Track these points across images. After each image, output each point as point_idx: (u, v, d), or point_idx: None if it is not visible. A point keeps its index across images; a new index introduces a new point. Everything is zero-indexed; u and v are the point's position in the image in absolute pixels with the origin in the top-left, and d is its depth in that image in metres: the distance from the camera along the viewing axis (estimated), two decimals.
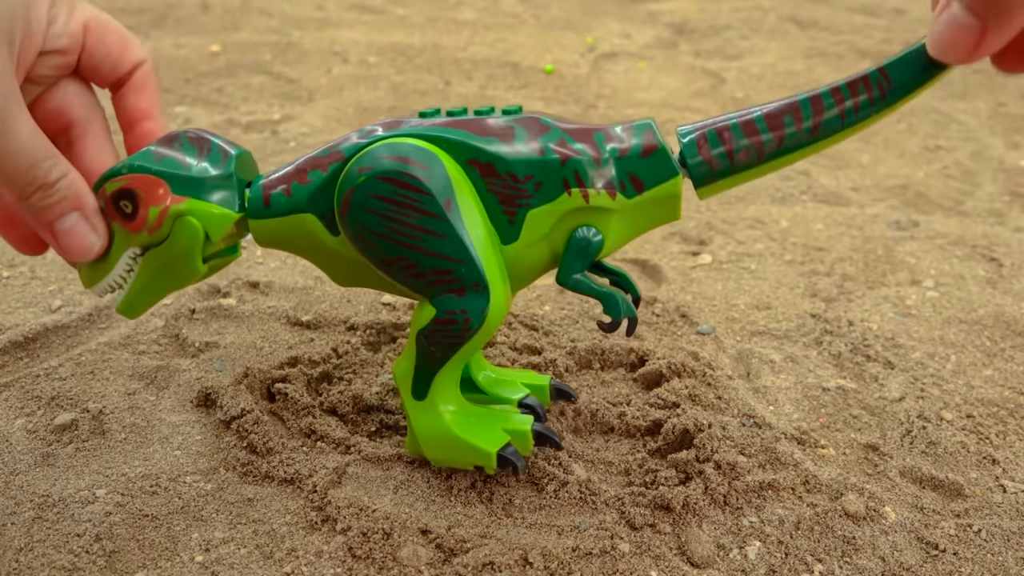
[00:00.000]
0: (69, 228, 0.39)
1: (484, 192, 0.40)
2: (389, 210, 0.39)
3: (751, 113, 0.39)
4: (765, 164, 0.39)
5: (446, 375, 0.43)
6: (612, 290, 0.41)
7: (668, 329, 0.61)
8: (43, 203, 0.38)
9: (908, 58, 0.36)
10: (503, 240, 0.41)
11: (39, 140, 0.37)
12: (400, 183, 0.38)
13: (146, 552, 0.41)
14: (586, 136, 0.40)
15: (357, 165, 0.39)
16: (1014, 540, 0.43)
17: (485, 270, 0.40)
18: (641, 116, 1.06)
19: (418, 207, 0.38)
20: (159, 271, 0.42)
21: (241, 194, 0.42)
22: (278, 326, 0.59)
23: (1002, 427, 0.52)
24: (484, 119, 0.40)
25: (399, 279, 0.41)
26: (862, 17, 1.59)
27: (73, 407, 0.50)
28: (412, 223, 0.39)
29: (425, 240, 0.39)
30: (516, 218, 0.40)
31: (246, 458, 0.46)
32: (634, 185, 0.40)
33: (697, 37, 1.46)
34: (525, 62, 1.26)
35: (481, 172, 0.40)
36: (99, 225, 0.40)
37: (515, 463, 0.43)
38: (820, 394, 0.55)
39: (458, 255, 0.39)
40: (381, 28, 1.42)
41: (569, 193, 0.39)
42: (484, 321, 0.40)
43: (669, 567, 0.40)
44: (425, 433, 0.43)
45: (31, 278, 0.64)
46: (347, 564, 0.40)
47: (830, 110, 0.37)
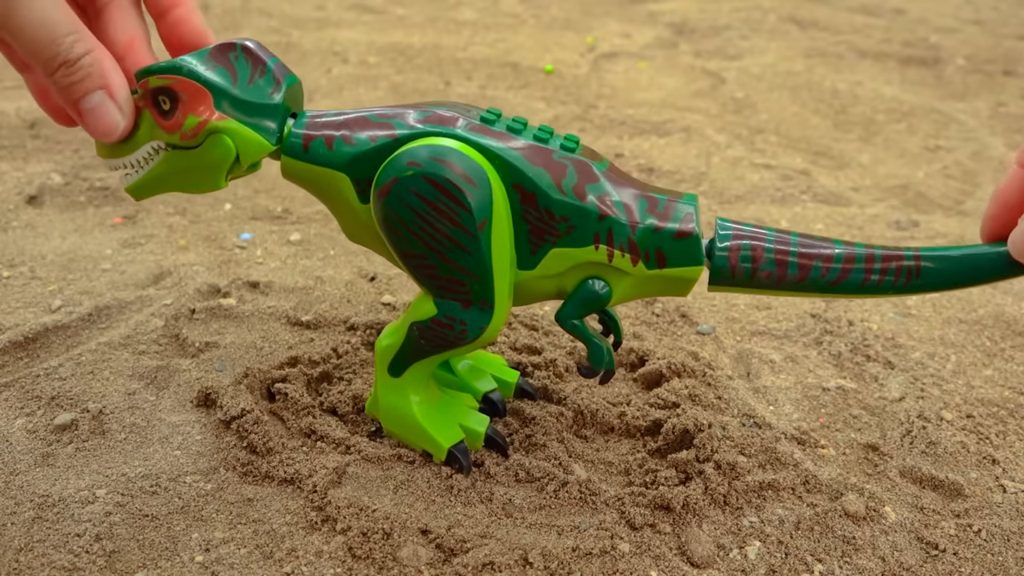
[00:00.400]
0: (94, 107, 0.38)
1: (519, 216, 0.40)
2: (426, 211, 0.39)
3: (788, 241, 0.40)
4: (780, 291, 0.40)
5: (425, 363, 0.44)
6: (601, 342, 0.42)
7: (668, 329, 0.61)
8: (67, 80, 0.37)
9: (948, 258, 0.38)
10: (520, 265, 0.41)
11: (61, 13, 0.36)
12: (444, 190, 0.38)
13: (146, 552, 0.41)
14: (631, 198, 0.40)
15: (408, 157, 0.39)
16: (1014, 540, 0.43)
17: (497, 291, 0.40)
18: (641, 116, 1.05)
19: (454, 218, 0.39)
20: (179, 171, 0.41)
21: (282, 126, 0.41)
22: (278, 326, 0.59)
23: (1002, 427, 0.52)
24: (542, 147, 0.40)
25: (412, 272, 0.41)
26: (862, 17, 1.59)
27: (73, 407, 0.50)
28: (444, 230, 0.39)
29: (450, 249, 0.39)
30: (539, 250, 0.41)
31: (246, 458, 0.46)
32: (658, 260, 0.40)
33: (697, 37, 1.46)
34: (525, 62, 1.26)
35: (522, 198, 0.40)
36: (126, 105, 0.39)
37: (462, 462, 0.45)
38: (820, 394, 0.55)
39: (476, 272, 0.40)
40: (381, 28, 1.42)
41: (596, 247, 0.40)
42: (480, 336, 0.41)
43: (669, 567, 0.40)
44: (388, 407, 0.46)
45: (31, 278, 0.64)
46: (347, 564, 0.40)
47: (856, 273, 0.39)
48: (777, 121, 1.08)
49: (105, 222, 0.74)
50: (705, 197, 0.84)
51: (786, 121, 1.08)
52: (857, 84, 1.22)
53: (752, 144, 1.00)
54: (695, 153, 0.96)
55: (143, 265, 0.67)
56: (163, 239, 0.71)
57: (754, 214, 0.81)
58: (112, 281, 0.64)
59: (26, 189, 0.78)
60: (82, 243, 0.70)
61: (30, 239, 0.70)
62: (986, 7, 1.71)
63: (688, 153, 0.96)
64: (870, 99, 1.17)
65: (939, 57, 1.35)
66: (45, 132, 0.91)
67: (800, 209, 0.82)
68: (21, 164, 0.83)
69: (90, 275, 0.65)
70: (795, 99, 1.16)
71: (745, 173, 0.91)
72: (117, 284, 0.64)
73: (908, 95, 1.18)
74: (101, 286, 0.63)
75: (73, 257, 0.67)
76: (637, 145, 0.97)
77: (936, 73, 1.28)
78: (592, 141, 0.98)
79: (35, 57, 0.36)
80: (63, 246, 0.69)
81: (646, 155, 0.94)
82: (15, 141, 0.89)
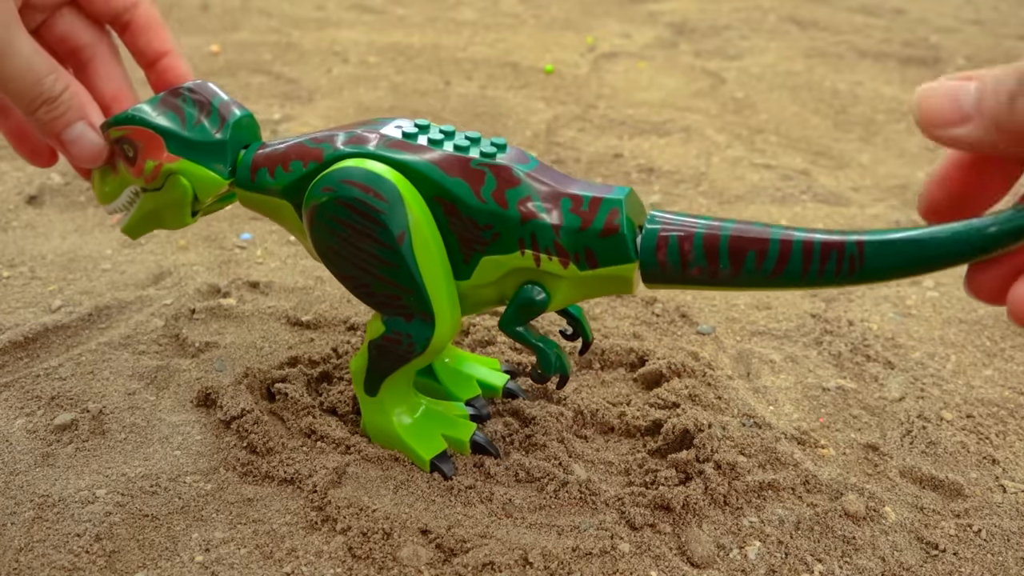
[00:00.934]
0: (76, 137, 0.41)
1: (445, 228, 0.41)
2: (346, 234, 0.40)
3: (720, 230, 0.36)
4: (715, 287, 0.38)
5: (398, 378, 0.45)
6: (547, 345, 0.42)
7: (668, 329, 0.61)
8: (50, 115, 0.40)
9: (891, 244, 0.33)
10: (456, 275, 0.42)
11: (41, 58, 0.39)
12: (356, 210, 0.40)
13: (146, 552, 0.41)
14: (553, 199, 0.39)
15: (323, 183, 0.40)
16: (1014, 540, 0.43)
17: (434, 301, 0.41)
18: (641, 116, 1.05)
19: (373, 235, 0.40)
20: (153, 212, 0.44)
21: (234, 159, 0.44)
22: (278, 326, 0.59)
23: (1002, 427, 0.52)
24: (460, 157, 0.40)
25: (353, 293, 0.43)
26: (862, 17, 1.59)
27: (73, 407, 0.50)
28: (366, 248, 0.40)
29: (378, 267, 0.40)
30: (471, 260, 0.41)
31: (246, 458, 0.46)
32: (587, 260, 0.39)
33: (697, 37, 1.46)
34: (525, 62, 1.26)
35: (445, 210, 0.40)
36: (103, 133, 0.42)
37: (445, 473, 0.45)
38: (820, 394, 0.55)
39: (408, 285, 0.40)
40: (381, 28, 1.42)
41: (522, 253, 0.40)
42: (427, 347, 0.42)
43: (669, 567, 0.40)
44: (372, 424, 0.47)
45: (31, 278, 0.64)
46: (347, 564, 0.40)
47: (794, 264, 0.35)
48: (777, 121, 1.08)
49: (105, 222, 0.74)
50: (705, 197, 0.84)
51: (786, 121, 1.08)
52: (857, 84, 1.22)
53: (752, 144, 1.00)
54: (695, 153, 0.96)
55: (143, 265, 0.67)
56: (163, 239, 0.71)
57: (754, 214, 0.81)
58: (112, 281, 0.64)
59: (26, 189, 0.78)
60: (82, 243, 0.70)
61: (30, 239, 0.70)
62: (986, 7, 1.71)
63: (688, 153, 0.96)
64: (870, 99, 1.17)
65: (939, 57, 1.35)
66: None
67: (800, 209, 0.82)
68: (21, 164, 0.83)
69: (90, 275, 0.65)
70: (795, 99, 1.16)
71: (745, 173, 0.91)
72: (117, 284, 0.64)
73: (908, 95, 1.18)
74: (101, 286, 0.63)
75: (73, 257, 0.67)
76: (637, 145, 0.97)
77: (936, 73, 1.28)
78: (592, 141, 0.98)
79: (20, 99, 0.39)
80: (63, 246, 0.69)
81: (646, 155, 0.94)
82: None
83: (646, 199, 0.83)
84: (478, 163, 0.40)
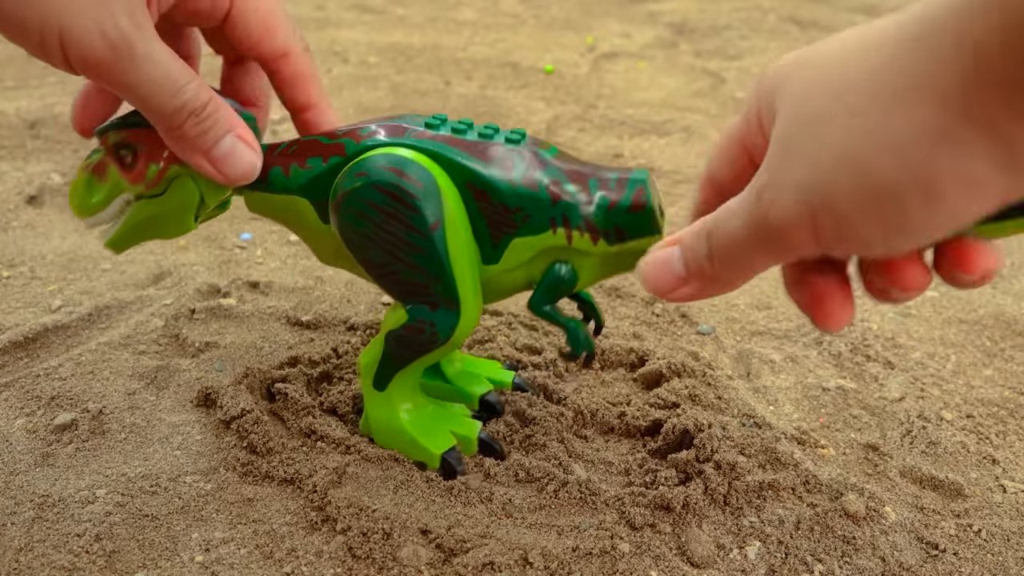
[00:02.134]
0: (227, 152, 0.38)
1: (475, 213, 0.41)
2: (379, 218, 0.40)
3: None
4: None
5: (408, 373, 0.45)
6: (577, 323, 0.43)
7: (668, 329, 0.61)
8: (197, 129, 0.37)
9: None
10: (484, 260, 0.42)
11: (179, 64, 0.35)
12: (393, 195, 0.39)
13: (146, 552, 0.41)
14: (581, 179, 0.41)
15: (356, 169, 0.40)
16: (1014, 540, 0.43)
17: (460, 290, 0.41)
18: (641, 116, 1.05)
19: (406, 221, 0.40)
20: (150, 220, 0.43)
21: None
22: (278, 326, 0.59)
23: (1002, 427, 0.52)
24: (488, 144, 0.41)
25: (378, 281, 0.42)
26: (862, 17, 1.59)
27: (73, 407, 0.50)
28: (399, 235, 0.40)
29: (408, 253, 0.40)
30: (500, 243, 0.41)
31: (246, 458, 0.46)
32: (617, 235, 0.41)
33: (697, 37, 1.46)
34: (525, 62, 1.26)
35: (475, 196, 0.41)
36: (254, 142, 0.39)
37: (455, 468, 0.45)
38: (820, 394, 0.55)
39: (437, 272, 0.40)
40: (381, 28, 1.42)
41: (554, 232, 0.41)
42: (451, 336, 0.42)
43: (669, 567, 0.40)
44: (378, 421, 0.46)
45: (31, 278, 0.64)
46: (347, 564, 0.40)
47: None
48: None
49: None
50: None
51: None
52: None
53: None
54: (695, 153, 0.96)
55: (143, 265, 0.67)
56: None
57: None
58: (112, 281, 0.64)
59: (26, 189, 0.78)
60: (82, 243, 0.70)
61: (30, 239, 0.70)
62: None
63: (688, 153, 0.96)
64: None
65: None
66: (45, 132, 0.91)
67: None
68: (21, 164, 0.83)
69: (90, 275, 0.65)
70: None
71: None
72: (117, 284, 0.64)
73: None
74: (101, 286, 0.63)
75: (73, 257, 0.67)
76: (637, 145, 0.97)
77: None
78: (592, 141, 0.98)
79: (160, 113, 0.36)
80: (63, 246, 0.69)
81: (646, 155, 0.94)
82: (15, 141, 0.89)
83: None
84: (506, 149, 0.41)
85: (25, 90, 1.04)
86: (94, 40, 0.32)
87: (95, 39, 0.32)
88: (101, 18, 0.32)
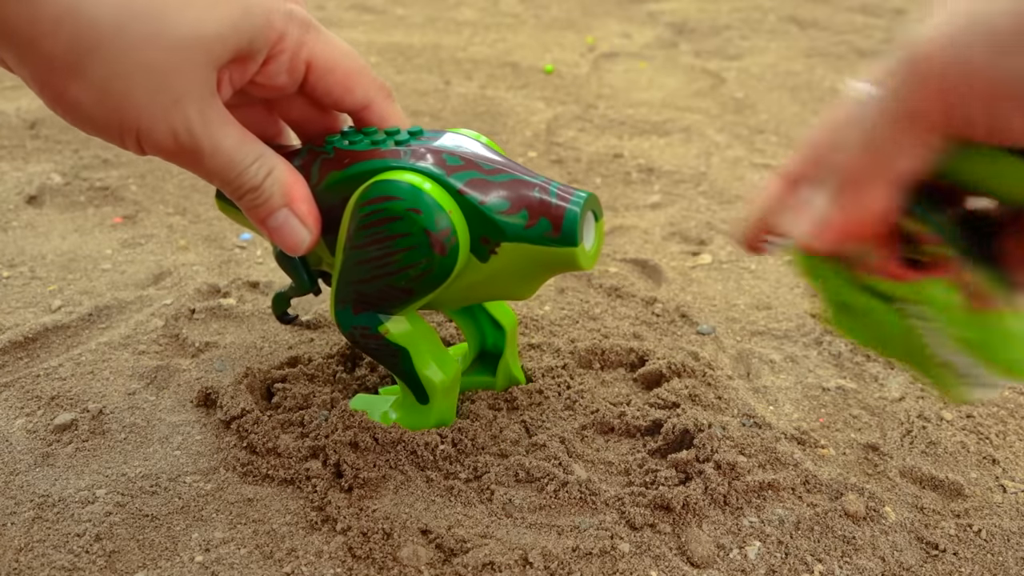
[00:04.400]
0: (280, 224, 0.41)
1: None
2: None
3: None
4: None
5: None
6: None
7: (668, 329, 0.61)
8: (253, 204, 0.40)
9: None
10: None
11: (245, 148, 0.39)
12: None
13: (146, 552, 0.41)
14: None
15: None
16: (1014, 540, 0.43)
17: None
18: (641, 116, 1.05)
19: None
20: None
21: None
22: (278, 326, 0.59)
23: (1002, 427, 0.52)
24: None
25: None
26: (862, 17, 1.59)
27: (73, 407, 0.50)
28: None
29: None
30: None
31: (246, 458, 0.46)
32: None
33: (697, 37, 1.46)
34: (525, 62, 1.26)
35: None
36: (308, 217, 0.41)
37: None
38: (820, 394, 0.55)
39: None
40: (381, 28, 1.42)
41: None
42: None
43: (669, 567, 0.40)
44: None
45: (31, 278, 0.64)
46: (347, 564, 0.40)
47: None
48: (777, 121, 1.08)
49: (105, 222, 0.74)
50: (705, 197, 0.84)
51: (786, 121, 1.08)
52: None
53: (752, 144, 1.00)
54: (695, 153, 0.96)
55: (143, 265, 0.67)
56: (163, 239, 0.71)
57: None
58: (112, 281, 0.64)
59: (26, 189, 0.78)
60: (82, 243, 0.70)
61: (30, 239, 0.70)
62: None
63: (688, 153, 0.96)
64: None
65: None
66: (45, 132, 0.91)
67: None
68: (21, 164, 0.83)
69: (90, 275, 0.65)
70: (795, 99, 1.16)
71: (745, 173, 0.91)
72: (117, 284, 0.64)
73: None
74: (101, 286, 0.63)
75: (73, 257, 0.67)
76: (637, 145, 0.97)
77: None
78: (592, 141, 0.98)
79: (226, 187, 0.40)
80: (63, 246, 0.69)
81: (646, 155, 0.94)
82: (15, 141, 0.89)
83: (646, 199, 0.83)
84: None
85: (25, 90, 1.04)
86: (167, 140, 0.36)
87: (168, 139, 0.36)
88: (173, 120, 0.36)
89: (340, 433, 0.45)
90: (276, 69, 0.40)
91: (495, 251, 0.41)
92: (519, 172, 0.41)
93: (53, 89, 0.35)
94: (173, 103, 0.35)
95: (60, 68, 0.34)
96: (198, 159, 0.38)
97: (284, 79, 0.41)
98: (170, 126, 0.36)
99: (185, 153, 0.37)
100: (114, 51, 0.34)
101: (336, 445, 0.45)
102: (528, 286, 0.44)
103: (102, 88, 0.34)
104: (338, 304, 0.44)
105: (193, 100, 0.36)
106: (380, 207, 0.40)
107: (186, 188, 0.81)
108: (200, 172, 0.39)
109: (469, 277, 0.42)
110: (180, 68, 0.35)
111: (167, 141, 0.36)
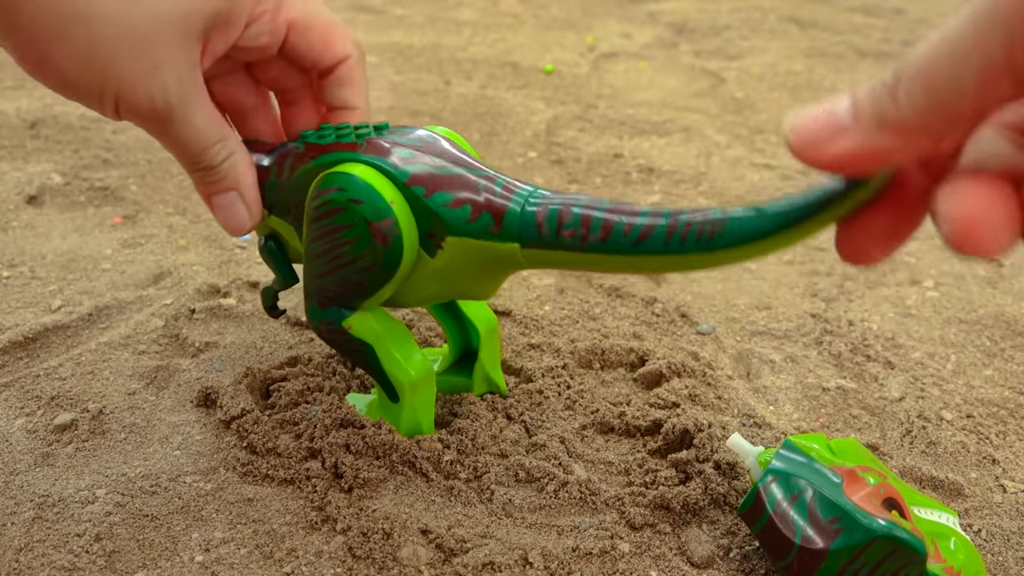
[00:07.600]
0: (225, 205, 0.43)
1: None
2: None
3: (597, 202, 0.37)
4: (585, 253, 0.37)
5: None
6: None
7: (668, 329, 0.61)
8: (206, 180, 0.42)
9: (747, 219, 0.32)
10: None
11: (213, 128, 0.40)
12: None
13: (146, 552, 0.41)
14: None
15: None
16: (1014, 540, 0.43)
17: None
18: (641, 116, 1.05)
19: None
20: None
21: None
22: (278, 326, 0.59)
23: (1002, 427, 0.52)
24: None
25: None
26: (862, 17, 1.59)
27: (73, 407, 0.50)
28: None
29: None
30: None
31: (246, 458, 0.46)
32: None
33: (697, 37, 1.46)
34: (525, 62, 1.26)
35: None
36: (253, 205, 0.44)
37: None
38: (820, 394, 0.55)
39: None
40: (381, 28, 1.42)
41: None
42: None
43: (669, 567, 0.40)
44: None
45: (31, 278, 0.64)
46: (347, 564, 0.40)
47: (660, 229, 0.35)
48: (777, 121, 1.08)
49: (105, 222, 0.74)
50: (705, 197, 0.84)
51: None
52: (857, 84, 1.22)
53: (752, 144, 1.00)
54: (695, 153, 0.96)
55: (143, 265, 0.67)
56: (163, 239, 0.71)
57: None
58: (112, 281, 0.64)
59: (26, 189, 0.78)
60: (82, 243, 0.70)
61: (30, 239, 0.70)
62: None
63: (688, 153, 0.96)
64: None
65: None
66: (45, 132, 0.91)
67: None
68: (21, 164, 0.83)
69: (90, 275, 0.65)
70: (795, 99, 1.16)
71: (745, 173, 0.91)
72: (117, 284, 0.64)
73: None
74: (101, 286, 0.63)
75: (73, 257, 0.67)
76: (637, 145, 0.97)
77: None
78: (592, 141, 0.98)
79: (181, 159, 0.41)
80: (63, 246, 0.69)
81: (646, 155, 0.94)
82: (15, 141, 0.89)
83: (646, 199, 0.83)
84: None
85: (25, 90, 1.04)
86: (144, 104, 0.37)
87: (144, 103, 0.37)
88: (151, 86, 0.37)
89: (335, 434, 0.45)
90: (258, 30, 0.41)
91: (441, 245, 0.40)
92: (470, 167, 0.41)
93: (35, 54, 0.36)
94: (154, 69, 0.37)
95: (43, 34, 0.35)
96: (166, 126, 0.39)
97: (266, 39, 0.42)
98: (148, 91, 0.37)
99: (158, 119, 0.38)
100: (98, 18, 0.35)
101: (332, 447, 0.45)
102: (483, 284, 0.42)
103: (86, 53, 0.35)
104: (307, 299, 0.45)
105: (173, 68, 0.37)
106: (327, 199, 0.41)
107: (186, 188, 0.81)
108: (165, 140, 0.40)
109: (421, 271, 0.42)
110: (163, 35, 0.36)
111: (143, 105, 0.37)
